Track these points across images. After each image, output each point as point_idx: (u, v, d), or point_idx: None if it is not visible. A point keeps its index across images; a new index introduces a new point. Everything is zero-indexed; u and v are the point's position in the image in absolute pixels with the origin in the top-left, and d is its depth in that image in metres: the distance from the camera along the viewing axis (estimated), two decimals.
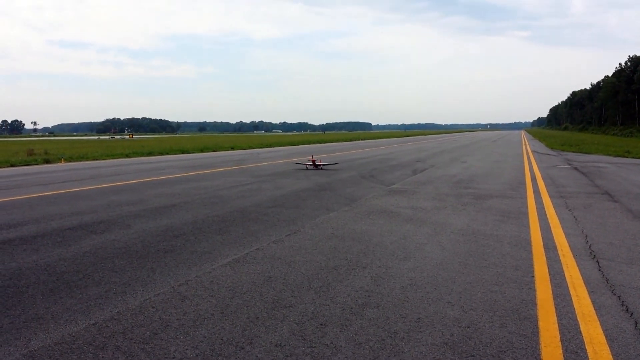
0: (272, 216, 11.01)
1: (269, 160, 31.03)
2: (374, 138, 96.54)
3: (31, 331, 4.80)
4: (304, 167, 23.29)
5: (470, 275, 6.59)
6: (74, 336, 4.66)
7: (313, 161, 22.89)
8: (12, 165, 28.36)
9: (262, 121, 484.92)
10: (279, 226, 9.92)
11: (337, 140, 79.91)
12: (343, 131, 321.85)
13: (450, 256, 7.60)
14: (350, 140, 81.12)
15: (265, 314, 5.22)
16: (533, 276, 6.58)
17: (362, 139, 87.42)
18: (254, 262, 7.24)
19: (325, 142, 73.74)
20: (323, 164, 23.20)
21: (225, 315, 5.17)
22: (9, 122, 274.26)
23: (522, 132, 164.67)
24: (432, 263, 7.20)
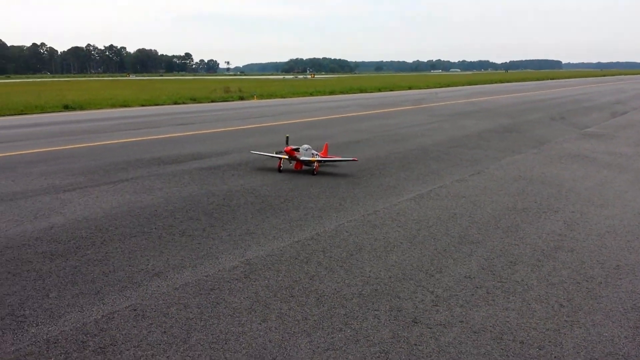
0: (454, 156, 10.94)
1: (448, 100, 30.31)
2: (564, 78, 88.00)
3: (246, 243, 5.55)
4: (276, 163, 9.67)
5: None
6: (281, 250, 5.31)
7: (290, 152, 9.27)
8: (212, 101, 31.57)
9: (439, 60, 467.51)
10: (461, 166, 9.86)
11: (522, 80, 74.53)
12: (528, 70, 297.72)
13: None
14: (537, 80, 75.08)
15: (452, 247, 5.37)
16: None
17: (550, 79, 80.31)
18: (437, 198, 7.38)
19: (507, 81, 69.32)
20: (322, 160, 9.59)
21: (414, 245, 5.44)
22: (206, 61, 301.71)
23: None
24: (635, 211, 6.67)
